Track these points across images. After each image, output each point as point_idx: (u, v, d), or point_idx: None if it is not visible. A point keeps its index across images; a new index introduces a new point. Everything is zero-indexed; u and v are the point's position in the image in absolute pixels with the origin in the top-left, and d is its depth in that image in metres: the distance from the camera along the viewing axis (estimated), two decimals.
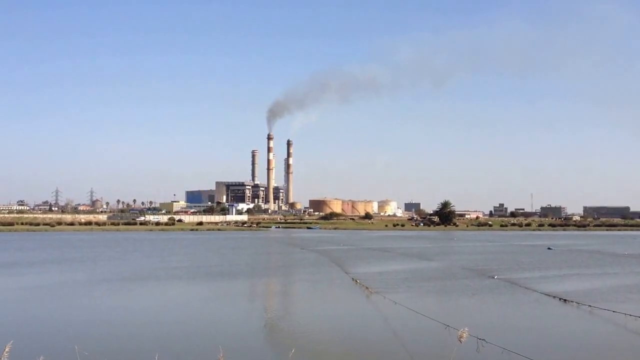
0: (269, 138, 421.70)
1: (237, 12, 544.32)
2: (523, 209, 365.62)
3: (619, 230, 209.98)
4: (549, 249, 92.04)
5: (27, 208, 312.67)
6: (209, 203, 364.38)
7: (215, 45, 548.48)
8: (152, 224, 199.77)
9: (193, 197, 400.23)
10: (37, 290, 41.73)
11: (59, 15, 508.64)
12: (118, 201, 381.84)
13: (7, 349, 11.81)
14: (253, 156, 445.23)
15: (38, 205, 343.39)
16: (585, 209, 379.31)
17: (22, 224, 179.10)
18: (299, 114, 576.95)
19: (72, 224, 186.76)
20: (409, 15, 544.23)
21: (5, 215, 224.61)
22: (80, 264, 62.84)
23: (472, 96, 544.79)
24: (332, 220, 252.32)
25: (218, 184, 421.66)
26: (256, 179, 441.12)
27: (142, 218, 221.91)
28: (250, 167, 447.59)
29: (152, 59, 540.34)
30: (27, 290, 41.81)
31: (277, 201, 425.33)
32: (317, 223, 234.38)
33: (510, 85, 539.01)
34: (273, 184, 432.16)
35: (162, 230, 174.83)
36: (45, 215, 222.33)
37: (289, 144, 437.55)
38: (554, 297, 37.14)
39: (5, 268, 58.22)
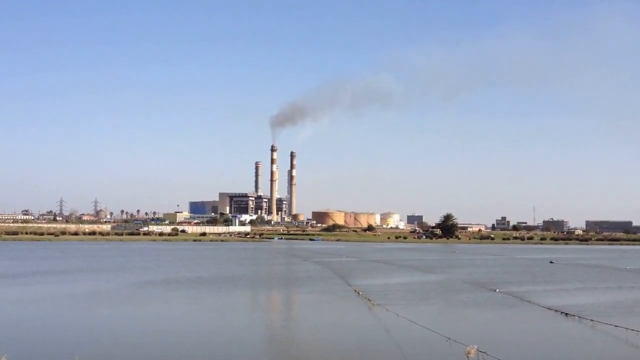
0: (273, 150, 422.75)
1: (247, 22, 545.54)
2: (525, 223, 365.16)
3: (621, 244, 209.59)
4: (551, 262, 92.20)
5: (32, 217, 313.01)
6: (212, 214, 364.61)
7: (222, 55, 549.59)
8: (156, 234, 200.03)
9: (196, 208, 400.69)
10: (85, 297, 42.73)
11: (63, 23, 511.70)
12: (122, 211, 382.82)
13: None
14: (256, 167, 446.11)
15: (42, 215, 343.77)
16: (588, 223, 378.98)
17: (26, 233, 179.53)
18: (303, 126, 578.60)
19: (76, 233, 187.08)
20: (420, 28, 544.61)
21: (10, 224, 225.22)
22: (111, 273, 64.35)
23: (477, 109, 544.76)
24: (334, 232, 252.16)
25: (221, 195, 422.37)
26: (259, 190, 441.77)
27: (146, 228, 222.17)
28: (254, 178, 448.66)
29: (158, 69, 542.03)
30: (76, 297, 43.19)
31: (280, 212, 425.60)
32: (320, 235, 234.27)
33: (515, 98, 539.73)
34: (276, 195, 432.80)
35: (166, 240, 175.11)
36: (49, 225, 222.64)
37: (292, 155, 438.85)
38: (556, 311, 37.44)
39: (44, 276, 59.50)
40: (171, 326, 31.87)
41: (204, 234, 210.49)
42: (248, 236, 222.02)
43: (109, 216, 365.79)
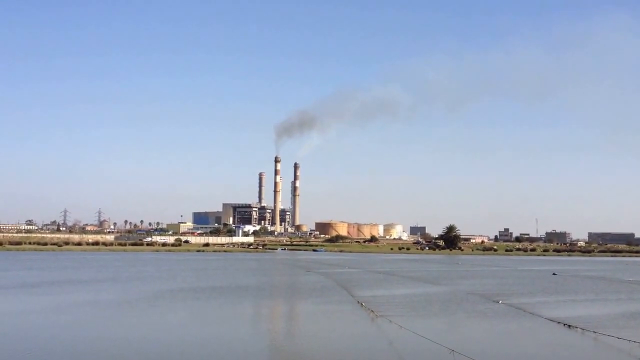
0: (276, 161, 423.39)
1: (255, 33, 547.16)
2: (528, 234, 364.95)
3: (623, 256, 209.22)
4: (553, 274, 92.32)
5: (36, 228, 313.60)
6: (216, 224, 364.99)
7: (228, 65, 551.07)
8: (159, 244, 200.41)
9: (200, 219, 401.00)
10: (109, 306, 43.61)
11: (67, 34, 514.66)
12: (125, 222, 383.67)
13: None
14: (260, 178, 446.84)
15: (46, 225, 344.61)
16: (590, 234, 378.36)
17: (29, 243, 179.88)
18: (309, 136, 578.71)
19: (79, 244, 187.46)
20: (426, 40, 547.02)
21: (14, 234, 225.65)
22: (129, 282, 65.92)
23: (481, 121, 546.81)
24: (337, 243, 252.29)
25: (225, 205, 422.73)
26: (263, 201, 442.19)
27: (149, 239, 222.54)
28: (257, 189, 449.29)
29: (163, 80, 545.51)
30: (99, 306, 44.32)
31: (283, 223, 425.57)
32: (323, 246, 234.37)
33: (518, 110, 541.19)
34: (280, 206, 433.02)
35: (169, 251, 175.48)
36: (53, 235, 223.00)
37: (295, 167, 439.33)
38: (559, 322, 37.61)
39: (63, 286, 60.74)
40: (191, 335, 32.26)
41: (207, 245, 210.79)
42: (251, 247, 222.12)
43: (112, 226, 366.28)
